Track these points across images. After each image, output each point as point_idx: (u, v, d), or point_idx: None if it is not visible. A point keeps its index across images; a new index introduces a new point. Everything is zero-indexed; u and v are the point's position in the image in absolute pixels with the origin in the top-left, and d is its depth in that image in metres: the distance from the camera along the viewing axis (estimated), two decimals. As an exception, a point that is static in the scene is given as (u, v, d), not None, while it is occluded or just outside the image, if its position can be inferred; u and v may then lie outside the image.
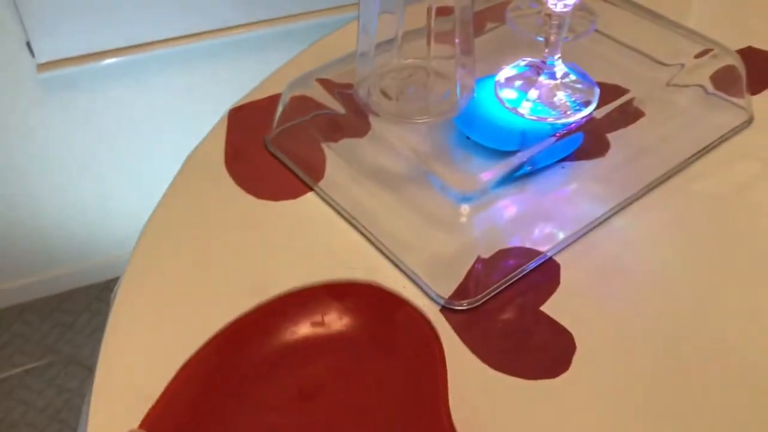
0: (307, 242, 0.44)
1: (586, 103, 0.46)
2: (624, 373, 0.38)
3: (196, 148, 0.51)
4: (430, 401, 0.34)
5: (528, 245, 0.43)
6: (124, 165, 1.15)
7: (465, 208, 0.41)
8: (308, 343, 0.36)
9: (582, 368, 0.38)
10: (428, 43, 0.42)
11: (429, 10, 0.41)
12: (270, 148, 0.50)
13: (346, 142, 0.48)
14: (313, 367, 0.36)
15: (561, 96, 0.47)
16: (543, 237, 0.44)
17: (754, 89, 0.55)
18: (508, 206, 0.44)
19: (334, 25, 0.62)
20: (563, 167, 0.46)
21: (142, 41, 0.97)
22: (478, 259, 0.41)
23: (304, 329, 0.37)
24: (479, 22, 0.58)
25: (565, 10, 0.43)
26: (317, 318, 0.37)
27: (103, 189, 1.18)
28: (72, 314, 1.30)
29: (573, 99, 0.47)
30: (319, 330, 0.37)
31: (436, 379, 0.33)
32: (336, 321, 0.37)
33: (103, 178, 1.16)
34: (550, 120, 0.46)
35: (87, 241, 1.25)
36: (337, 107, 0.46)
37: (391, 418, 0.34)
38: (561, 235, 0.44)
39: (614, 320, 0.40)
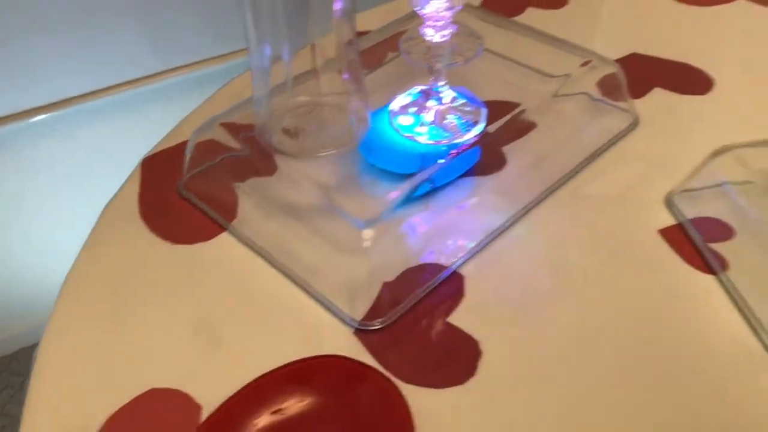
0: (225, 281, 0.46)
1: (475, 123, 0.49)
2: (528, 372, 0.40)
3: (111, 200, 0.52)
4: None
5: (433, 261, 0.46)
6: (56, 221, 1.15)
7: (368, 232, 0.43)
8: (284, 424, 0.38)
9: (488, 372, 0.40)
10: (317, 80, 0.44)
11: (312, 48, 0.43)
12: (183, 194, 0.52)
13: (255, 182, 0.50)
14: None
15: (451, 119, 0.49)
16: (447, 252, 0.46)
17: (639, 93, 0.59)
18: (412, 226, 0.46)
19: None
20: (461, 184, 0.49)
21: (64, 97, 0.98)
22: (385, 282, 0.43)
23: (266, 417, 0.38)
24: (380, 52, 0.61)
25: (443, 40, 0.46)
26: (279, 402, 0.39)
27: (39, 246, 1.17)
28: (20, 375, 1.28)
29: (463, 121, 0.50)
30: (282, 415, 0.38)
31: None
32: (307, 398, 0.39)
33: (37, 236, 1.15)
34: (444, 142, 0.48)
35: (25, 301, 1.23)
36: (243, 149, 0.48)
37: None
38: (464, 249, 0.47)
39: (517, 323, 0.43)
